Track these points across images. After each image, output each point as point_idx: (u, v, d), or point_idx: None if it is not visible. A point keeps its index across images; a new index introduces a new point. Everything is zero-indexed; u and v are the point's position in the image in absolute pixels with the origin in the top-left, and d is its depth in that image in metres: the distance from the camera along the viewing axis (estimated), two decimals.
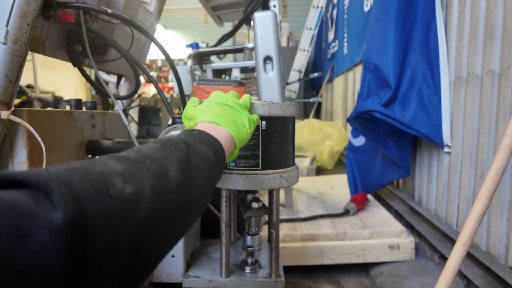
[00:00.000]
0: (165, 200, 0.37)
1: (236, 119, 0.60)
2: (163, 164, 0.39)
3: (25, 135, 0.79)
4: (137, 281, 0.33)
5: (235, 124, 0.59)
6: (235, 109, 0.62)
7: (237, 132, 0.59)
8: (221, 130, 0.56)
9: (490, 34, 1.25)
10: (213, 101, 0.62)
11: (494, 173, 0.75)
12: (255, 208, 0.91)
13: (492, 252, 1.26)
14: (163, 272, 0.86)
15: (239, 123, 0.60)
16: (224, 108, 0.61)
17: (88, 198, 0.28)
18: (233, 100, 0.64)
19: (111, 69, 1.22)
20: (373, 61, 1.77)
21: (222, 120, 0.58)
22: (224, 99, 0.63)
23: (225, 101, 0.62)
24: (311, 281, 1.70)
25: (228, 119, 0.59)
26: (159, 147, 0.42)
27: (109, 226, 0.29)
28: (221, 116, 0.58)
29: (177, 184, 0.39)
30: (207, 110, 0.60)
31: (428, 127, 1.63)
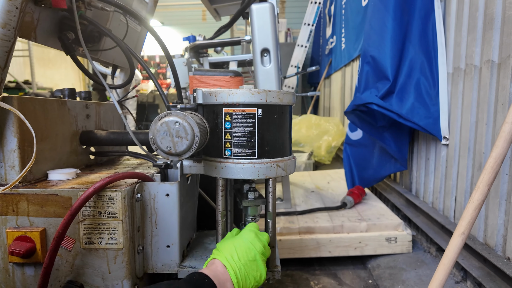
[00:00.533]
0: None
1: (252, 272, 0.69)
2: None
3: (16, 122, 0.77)
4: None
5: (248, 278, 0.68)
6: (258, 261, 0.70)
7: (244, 286, 0.68)
8: (229, 286, 0.65)
9: (490, 24, 1.24)
10: (244, 242, 0.72)
11: (493, 161, 0.74)
12: (252, 198, 0.89)
13: (489, 244, 1.26)
14: (158, 263, 0.85)
15: (251, 275, 0.69)
16: (248, 252, 0.70)
17: None
18: (262, 247, 0.72)
19: (106, 58, 1.20)
20: (371, 53, 1.76)
21: (237, 269, 0.67)
22: (254, 245, 0.71)
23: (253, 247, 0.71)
24: (308, 273, 1.70)
25: (243, 269, 0.68)
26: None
27: None
28: (239, 262, 0.68)
29: None
30: (234, 250, 0.69)
31: (425, 120, 1.62)
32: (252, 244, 0.72)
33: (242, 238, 0.73)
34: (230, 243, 0.72)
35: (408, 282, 1.46)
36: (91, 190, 0.72)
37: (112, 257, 0.76)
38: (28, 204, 0.75)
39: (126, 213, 0.76)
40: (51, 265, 0.70)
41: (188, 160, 0.86)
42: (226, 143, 0.80)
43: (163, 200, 0.83)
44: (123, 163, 1.14)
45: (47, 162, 0.87)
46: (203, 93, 0.82)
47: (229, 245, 0.72)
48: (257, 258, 0.70)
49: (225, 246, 0.72)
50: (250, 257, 0.69)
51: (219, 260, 0.69)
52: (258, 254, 0.71)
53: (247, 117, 0.79)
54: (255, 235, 0.75)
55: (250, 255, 0.70)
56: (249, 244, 0.71)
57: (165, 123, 0.69)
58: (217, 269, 0.67)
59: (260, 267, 0.70)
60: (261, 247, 0.72)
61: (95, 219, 0.76)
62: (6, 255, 0.76)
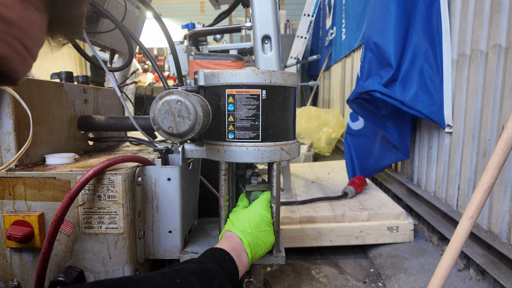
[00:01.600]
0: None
1: (263, 240, 0.75)
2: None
3: (11, 103, 0.74)
4: None
5: (259, 245, 0.74)
6: (267, 230, 0.77)
7: (257, 254, 0.74)
8: (244, 256, 0.71)
9: (497, 7, 1.21)
10: (256, 214, 0.77)
11: (504, 143, 0.72)
12: (255, 183, 0.87)
13: (493, 231, 1.25)
14: (159, 249, 0.83)
15: (262, 243, 0.75)
16: (260, 223, 0.76)
17: None
18: (271, 217, 0.79)
19: (103, 42, 1.17)
20: (374, 40, 1.73)
21: (251, 239, 0.73)
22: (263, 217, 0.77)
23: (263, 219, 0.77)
24: (310, 262, 1.69)
25: (255, 239, 0.74)
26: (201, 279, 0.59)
27: None
28: (252, 233, 0.74)
29: None
30: (247, 221, 0.75)
31: (429, 107, 1.60)
32: (263, 218, 0.77)
33: (253, 212, 0.78)
34: (243, 215, 0.77)
35: (410, 271, 1.45)
36: (90, 173, 0.69)
37: (113, 242, 0.74)
38: (25, 187, 0.73)
39: (127, 197, 0.73)
40: (50, 250, 0.68)
41: (189, 144, 0.83)
42: (229, 126, 0.77)
43: (165, 184, 0.80)
44: (122, 150, 1.12)
45: (44, 146, 0.85)
46: (205, 74, 0.79)
47: (242, 217, 0.77)
48: (267, 228, 0.77)
49: (238, 219, 0.76)
50: (261, 228, 0.76)
51: (234, 232, 0.74)
52: (268, 225, 0.77)
53: (251, 98, 0.76)
54: (265, 209, 0.79)
55: (261, 227, 0.76)
56: (260, 218, 0.77)
57: (166, 102, 0.67)
58: (234, 241, 0.72)
59: (269, 235, 0.77)
60: (270, 217, 0.79)
61: (94, 203, 0.73)
62: (3, 240, 0.74)
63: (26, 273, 0.75)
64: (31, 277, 0.75)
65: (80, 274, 0.74)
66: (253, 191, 0.88)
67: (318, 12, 5.55)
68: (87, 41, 0.95)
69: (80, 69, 8.43)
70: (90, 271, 0.75)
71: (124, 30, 0.95)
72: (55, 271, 0.75)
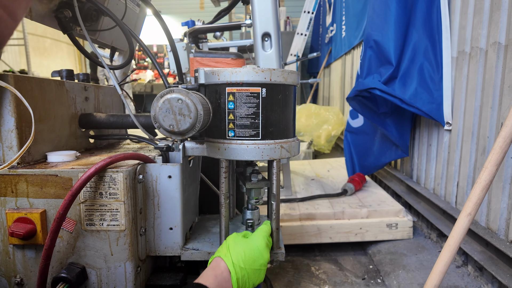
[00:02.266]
0: None
1: (254, 278, 0.70)
2: None
3: (13, 101, 0.75)
4: None
5: (248, 283, 0.69)
6: (262, 270, 0.71)
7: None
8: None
9: (497, 4, 1.21)
10: (254, 249, 0.71)
11: (502, 140, 0.73)
12: (255, 181, 0.88)
13: (492, 228, 1.25)
14: (160, 245, 0.84)
15: (251, 282, 0.69)
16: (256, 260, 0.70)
17: None
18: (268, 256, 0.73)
19: (104, 40, 1.17)
20: (374, 37, 1.73)
21: (241, 276, 0.68)
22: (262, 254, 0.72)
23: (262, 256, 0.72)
24: (309, 259, 1.70)
25: (246, 276, 0.68)
26: None
27: None
28: (244, 269, 0.68)
29: None
30: (242, 256, 0.69)
31: (429, 105, 1.60)
32: (261, 253, 0.72)
33: (253, 244, 0.73)
34: (240, 247, 0.71)
35: (409, 267, 1.47)
36: (92, 170, 0.70)
37: (114, 239, 0.75)
38: (28, 185, 0.74)
39: (128, 194, 0.74)
40: (52, 246, 0.68)
41: (190, 142, 0.84)
42: (229, 124, 0.78)
43: (166, 182, 0.81)
44: (123, 147, 1.13)
45: (45, 144, 0.85)
46: (205, 72, 0.79)
47: (238, 248, 0.71)
48: (262, 267, 0.71)
49: (234, 249, 0.70)
50: (256, 266, 0.70)
51: (225, 263, 0.68)
52: (264, 264, 0.72)
53: (251, 96, 0.77)
54: (266, 244, 0.74)
55: (257, 264, 0.70)
56: (258, 253, 0.71)
57: (167, 100, 0.67)
58: (222, 276, 0.67)
59: (262, 275, 0.72)
60: (268, 256, 0.73)
61: (96, 200, 0.74)
62: (6, 237, 0.75)
63: (29, 270, 0.76)
64: (33, 274, 0.76)
65: (82, 271, 0.75)
66: (253, 189, 0.88)
67: (318, 9, 5.53)
68: (87, 39, 0.96)
69: (79, 66, 8.41)
70: (92, 267, 0.76)
71: (125, 28, 0.96)
72: (58, 268, 0.76)
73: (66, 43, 7.92)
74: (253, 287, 0.71)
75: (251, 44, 2.09)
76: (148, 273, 0.86)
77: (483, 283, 1.25)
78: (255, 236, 0.75)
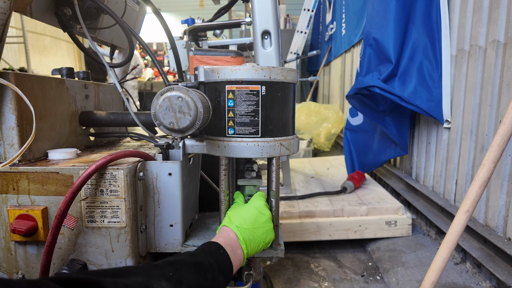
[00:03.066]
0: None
1: (261, 237, 0.73)
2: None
3: (14, 99, 0.75)
4: None
5: (256, 241, 0.72)
6: (266, 226, 0.75)
7: (253, 250, 0.73)
8: (239, 252, 0.70)
9: (496, 2, 1.21)
10: (254, 209, 0.75)
11: (500, 138, 0.73)
12: (248, 178, 0.89)
13: (490, 225, 1.26)
14: (161, 242, 0.84)
15: (260, 239, 0.73)
16: (257, 219, 0.74)
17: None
18: (270, 213, 0.77)
19: (104, 38, 1.17)
20: (373, 35, 1.73)
21: (247, 236, 0.71)
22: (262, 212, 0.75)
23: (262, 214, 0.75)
24: (309, 256, 1.71)
25: (252, 236, 0.72)
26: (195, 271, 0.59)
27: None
28: (248, 229, 0.72)
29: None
30: (243, 218, 0.73)
31: (428, 103, 1.61)
32: (261, 211, 0.76)
33: (251, 206, 0.77)
34: (240, 211, 0.76)
35: (408, 264, 1.47)
36: (92, 167, 0.70)
37: (115, 236, 0.76)
38: (29, 182, 0.74)
39: (129, 191, 0.75)
40: (54, 243, 0.69)
41: (190, 140, 0.84)
42: (229, 122, 0.78)
43: (166, 179, 0.82)
44: (123, 145, 1.13)
45: (46, 142, 0.86)
46: (205, 70, 0.80)
47: (239, 213, 0.75)
48: (267, 224, 0.75)
49: (236, 215, 0.75)
50: (259, 224, 0.74)
51: (231, 228, 0.73)
52: (267, 221, 0.75)
53: (251, 94, 0.77)
54: (264, 203, 0.79)
55: (260, 222, 0.74)
56: (257, 212, 0.75)
57: (167, 98, 0.68)
58: (229, 236, 0.71)
59: (269, 232, 0.75)
60: (270, 213, 0.77)
61: (97, 198, 0.75)
62: (8, 233, 0.75)
63: (31, 266, 0.77)
64: (35, 270, 0.77)
65: (84, 267, 0.75)
66: (246, 186, 0.89)
67: (318, 6, 5.52)
68: (87, 37, 0.96)
69: (79, 64, 8.40)
70: (93, 264, 0.77)
71: (125, 26, 0.96)
72: (59, 264, 0.76)
73: (65, 41, 7.90)
74: (265, 246, 0.75)
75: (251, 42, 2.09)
76: None
77: (481, 280, 1.25)
78: (252, 199, 0.81)
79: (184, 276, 0.56)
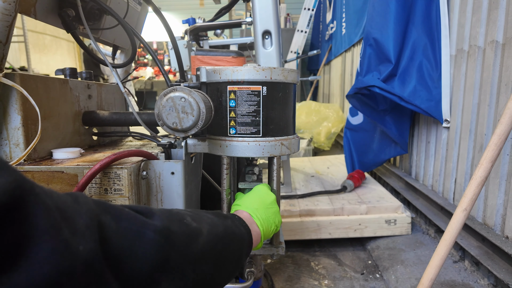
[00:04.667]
0: (214, 241, 0.54)
1: (272, 217, 0.73)
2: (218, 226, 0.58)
3: (19, 100, 0.76)
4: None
5: (269, 221, 0.72)
6: (274, 207, 0.76)
7: (268, 230, 0.72)
8: (255, 228, 0.69)
9: (495, 3, 1.22)
10: (259, 193, 0.77)
11: (497, 137, 0.74)
12: (249, 181, 0.90)
13: (488, 223, 1.28)
14: None
15: (271, 220, 0.73)
16: (265, 199, 0.75)
17: (173, 221, 0.48)
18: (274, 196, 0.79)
19: (106, 38, 1.19)
20: (373, 35, 1.74)
21: (259, 214, 0.72)
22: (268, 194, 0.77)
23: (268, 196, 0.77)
24: (309, 254, 1.73)
25: (264, 214, 0.72)
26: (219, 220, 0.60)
27: (183, 240, 0.48)
28: (259, 209, 0.73)
29: (222, 237, 0.56)
30: (251, 201, 0.74)
31: (427, 102, 1.62)
32: (266, 193, 0.77)
33: (256, 191, 0.78)
34: (247, 197, 0.76)
35: (407, 262, 1.49)
36: (97, 167, 0.72)
37: None
38: (34, 181, 0.75)
39: (132, 190, 0.76)
40: None
41: (192, 139, 0.86)
42: (231, 122, 0.79)
43: (168, 178, 0.83)
44: (126, 144, 1.14)
45: (50, 141, 0.87)
46: (206, 71, 0.81)
47: (246, 198, 0.76)
48: (274, 205, 0.76)
49: (243, 201, 0.75)
50: (267, 205, 0.75)
51: (241, 209, 0.72)
52: (274, 202, 0.77)
53: (252, 95, 0.78)
54: (267, 187, 0.80)
55: (267, 203, 0.75)
56: (263, 193, 0.77)
57: (170, 98, 0.69)
58: (243, 214, 0.71)
59: (277, 212, 0.76)
60: (274, 195, 0.78)
61: (101, 196, 0.76)
62: None
63: None
64: None
65: None
66: (247, 189, 0.90)
67: (318, 6, 5.53)
68: (90, 37, 0.97)
69: (79, 63, 8.41)
70: None
71: (127, 27, 0.97)
72: None
73: (66, 39, 7.91)
74: (275, 230, 0.75)
75: (252, 41, 2.10)
76: None
77: (479, 278, 1.27)
78: (255, 187, 0.82)
79: (210, 218, 0.58)
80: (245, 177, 0.91)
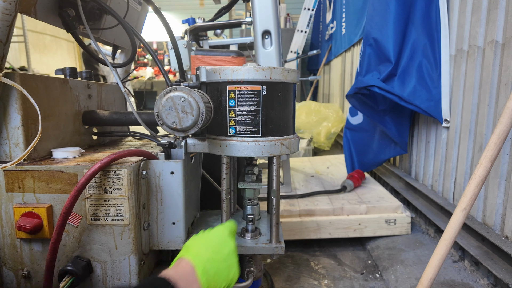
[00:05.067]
0: None
1: (224, 270, 0.60)
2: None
3: (19, 99, 0.76)
4: None
5: (219, 274, 0.59)
6: (230, 259, 0.62)
7: (216, 285, 0.59)
8: (196, 286, 0.56)
9: (494, 3, 1.22)
10: (216, 237, 0.64)
11: (497, 137, 0.75)
12: (248, 181, 0.90)
13: (488, 223, 1.28)
14: (163, 239, 0.86)
15: (223, 273, 0.60)
16: (220, 248, 0.62)
17: None
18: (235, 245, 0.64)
19: (106, 38, 1.19)
20: (373, 35, 1.74)
21: (207, 268, 0.58)
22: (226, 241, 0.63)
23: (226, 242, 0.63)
24: (309, 254, 1.73)
25: (213, 268, 0.59)
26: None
27: None
28: (210, 260, 0.59)
29: None
30: (203, 248, 0.61)
31: (427, 102, 1.62)
32: (224, 239, 0.64)
33: (213, 234, 0.66)
34: (200, 239, 0.64)
35: (407, 262, 1.49)
36: (97, 166, 0.72)
37: (119, 233, 0.77)
38: (34, 181, 0.76)
39: (132, 190, 0.76)
40: (59, 240, 0.71)
41: (192, 139, 0.86)
42: (230, 121, 0.80)
43: (168, 178, 0.83)
44: (125, 144, 1.14)
45: (50, 141, 0.87)
46: (206, 70, 0.81)
47: (199, 241, 0.64)
48: (230, 257, 0.63)
49: (195, 243, 0.64)
50: (223, 257, 0.62)
51: (187, 258, 0.59)
52: (232, 253, 0.63)
53: (252, 94, 0.79)
54: (229, 231, 0.67)
55: (223, 254, 0.62)
56: (220, 239, 0.64)
57: (170, 98, 0.69)
58: (183, 269, 0.57)
59: (233, 266, 0.62)
60: (234, 244, 0.66)
61: (101, 196, 0.76)
62: (14, 231, 0.77)
63: (36, 263, 0.78)
64: (40, 267, 0.78)
65: (88, 264, 0.77)
66: (246, 189, 0.90)
67: (318, 6, 5.52)
68: (91, 37, 0.97)
69: (79, 63, 8.41)
70: (97, 260, 0.78)
71: (127, 27, 0.97)
72: (64, 261, 0.78)
73: (66, 39, 7.90)
74: (228, 280, 0.61)
75: (251, 41, 2.10)
76: (151, 267, 0.88)
77: (479, 277, 1.27)
78: (215, 227, 0.69)
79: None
80: (245, 177, 0.91)
